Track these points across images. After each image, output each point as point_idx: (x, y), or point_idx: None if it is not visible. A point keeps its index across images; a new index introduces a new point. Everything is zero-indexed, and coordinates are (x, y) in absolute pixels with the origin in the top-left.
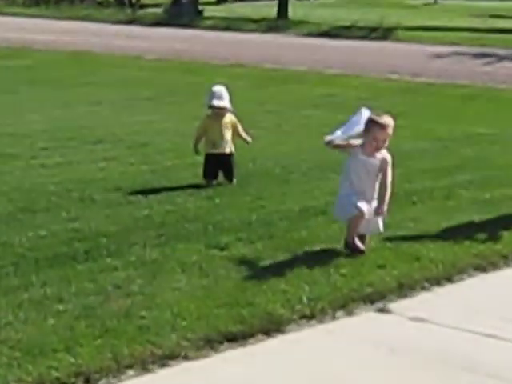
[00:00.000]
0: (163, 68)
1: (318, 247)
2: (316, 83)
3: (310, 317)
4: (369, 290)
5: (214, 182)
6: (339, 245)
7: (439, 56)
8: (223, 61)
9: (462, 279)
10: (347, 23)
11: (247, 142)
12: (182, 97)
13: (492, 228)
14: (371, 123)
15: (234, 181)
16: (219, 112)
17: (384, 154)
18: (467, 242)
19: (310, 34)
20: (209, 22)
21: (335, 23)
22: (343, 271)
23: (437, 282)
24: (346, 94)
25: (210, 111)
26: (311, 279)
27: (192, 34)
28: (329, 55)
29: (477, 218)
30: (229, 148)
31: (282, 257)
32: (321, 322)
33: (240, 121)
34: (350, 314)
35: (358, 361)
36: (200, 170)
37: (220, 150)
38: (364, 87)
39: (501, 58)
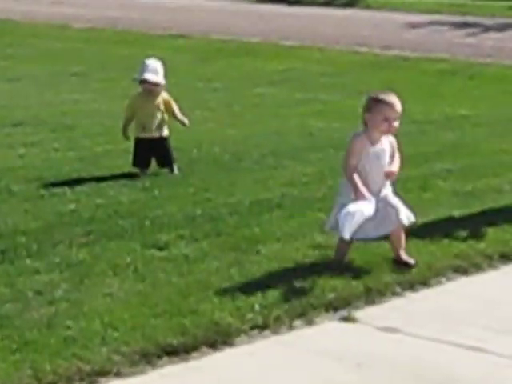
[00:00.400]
0: (93, 39)
1: (272, 246)
2: (271, 57)
3: (262, 327)
4: (331, 295)
5: (147, 171)
6: (297, 242)
7: (414, 26)
8: (164, 31)
9: (439, 283)
10: None
11: (184, 124)
12: (115, 72)
13: (474, 224)
14: (377, 102)
15: (176, 169)
16: (152, 89)
17: (390, 137)
18: (446, 241)
19: (264, 0)
20: None
21: None
22: (302, 274)
23: (410, 286)
24: (305, 70)
25: (140, 88)
26: (265, 283)
27: None
28: (286, 24)
29: (457, 212)
30: (161, 131)
31: (230, 257)
32: (275, 332)
33: (176, 100)
34: (309, 323)
35: (319, 377)
36: None
37: (151, 134)
38: (327, 61)
39: (486, 29)
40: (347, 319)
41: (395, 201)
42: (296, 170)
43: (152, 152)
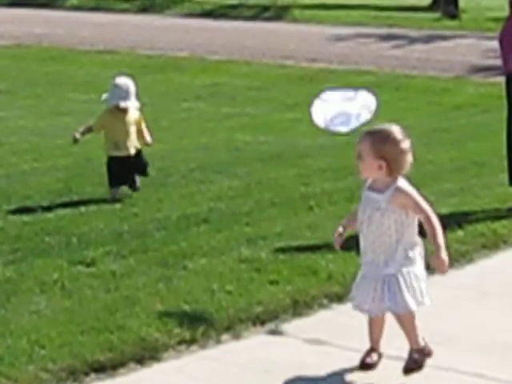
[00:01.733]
0: (19, 56)
1: (199, 260)
2: (198, 71)
3: (190, 341)
4: (259, 309)
5: (118, 192)
6: (224, 256)
7: (341, 38)
8: (90, 47)
9: None
10: (234, 1)
11: (147, 144)
12: (42, 89)
13: None
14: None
15: (138, 182)
16: (121, 112)
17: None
18: None
19: (191, 15)
20: (74, 1)
21: (221, 2)
22: (229, 288)
23: (337, 298)
24: (233, 84)
25: (111, 107)
26: (192, 298)
27: (54, 15)
28: (213, 39)
29: None
30: (134, 148)
31: (157, 273)
32: (203, 347)
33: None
34: (237, 337)
35: None
36: (62, 174)
37: (126, 152)
38: (254, 75)
39: (412, 40)
40: (274, 332)
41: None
42: (223, 185)
43: (128, 169)
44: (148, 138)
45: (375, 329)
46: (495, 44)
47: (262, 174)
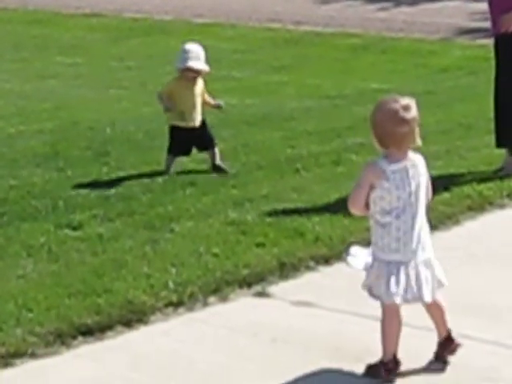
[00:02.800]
0: (5, 19)
1: (186, 223)
2: (184, 34)
3: (177, 304)
4: (245, 271)
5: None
6: (211, 219)
7: (327, 1)
8: (76, 10)
9: None
10: None
11: (220, 107)
12: (28, 53)
13: None
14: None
15: (217, 152)
16: (194, 76)
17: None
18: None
19: None
20: None
21: None
22: (215, 250)
23: (324, 260)
24: (218, 47)
25: (179, 74)
26: (178, 261)
27: None
28: (199, 1)
29: None
30: (199, 120)
31: (144, 236)
32: (190, 309)
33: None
34: (224, 299)
35: (235, 352)
36: (48, 137)
37: (190, 124)
38: (240, 38)
39: (398, 3)
40: (261, 295)
41: None
42: None
43: (191, 140)
44: (220, 102)
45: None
46: (482, 6)
47: (249, 137)
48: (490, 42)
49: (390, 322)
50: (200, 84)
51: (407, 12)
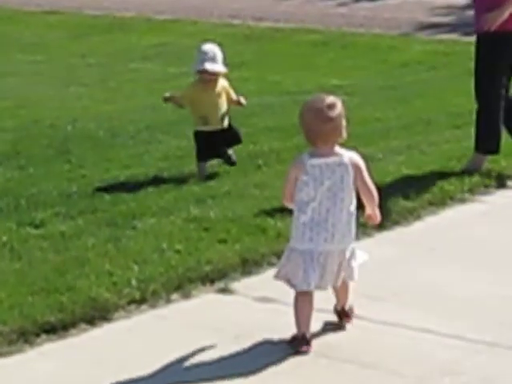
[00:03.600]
0: None
1: (148, 220)
2: (145, 31)
3: (140, 301)
4: (208, 268)
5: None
6: (173, 216)
7: None
8: (36, 7)
9: None
10: None
11: (241, 104)
12: None
13: None
14: None
15: (234, 157)
16: (211, 78)
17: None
18: None
19: None
20: None
21: None
22: (178, 247)
23: None
24: (179, 43)
25: (197, 77)
26: (141, 258)
27: None
28: None
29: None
30: (226, 121)
31: (106, 233)
32: (153, 306)
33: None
34: (186, 296)
35: (198, 350)
36: (9, 136)
37: (216, 126)
38: (201, 35)
39: None
40: (224, 291)
41: None
42: (171, 144)
43: (216, 144)
44: (241, 99)
45: None
46: (442, 1)
47: None
48: (449, 36)
49: (303, 307)
50: (221, 84)
51: (367, 7)
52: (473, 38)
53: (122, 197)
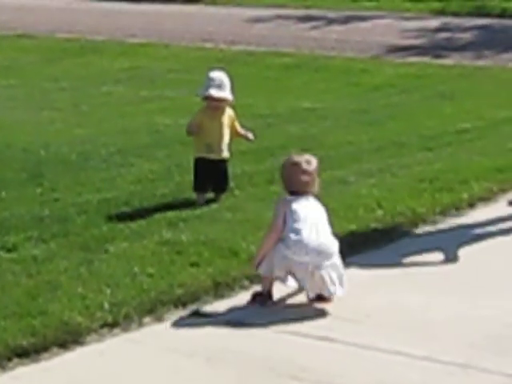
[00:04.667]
0: None
1: (120, 244)
2: (117, 54)
3: (112, 325)
4: (180, 291)
5: (205, 197)
6: (145, 240)
7: (260, 20)
8: (8, 31)
9: None
10: None
11: (249, 139)
12: None
13: None
14: None
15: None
16: (218, 106)
17: None
18: None
19: None
20: None
21: None
22: (150, 271)
23: (258, 279)
24: (152, 67)
25: (204, 104)
26: (113, 281)
27: None
28: (131, 21)
29: None
30: (227, 152)
31: (79, 257)
32: (125, 330)
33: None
34: (159, 319)
35: (170, 373)
36: None
37: (218, 155)
38: (173, 58)
39: (330, 21)
40: (196, 314)
41: None
42: (143, 168)
43: (213, 175)
44: (246, 133)
45: None
46: (413, 24)
47: (183, 157)
48: (421, 59)
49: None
50: (228, 114)
51: (339, 31)
52: (444, 61)
53: (95, 220)
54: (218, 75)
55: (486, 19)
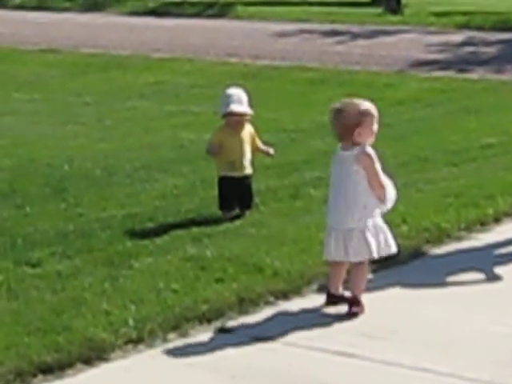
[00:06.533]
0: None
1: (145, 259)
2: (142, 69)
3: (137, 341)
4: (205, 307)
5: (232, 214)
6: (169, 255)
7: (284, 35)
8: (33, 46)
9: (312, 291)
10: None
11: (270, 155)
12: None
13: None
14: (367, 115)
15: (248, 212)
16: (238, 121)
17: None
18: (317, 248)
19: (133, 13)
20: (17, 1)
21: None
22: (175, 286)
23: (283, 295)
24: (176, 81)
25: (224, 121)
26: (138, 297)
27: None
28: (156, 36)
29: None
30: (250, 168)
31: (103, 272)
32: (150, 346)
33: (257, 129)
34: (183, 335)
35: None
36: (6, 175)
37: (242, 172)
38: (197, 73)
39: (354, 36)
40: (221, 330)
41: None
42: (168, 183)
43: (238, 192)
44: (267, 149)
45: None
46: (437, 38)
47: (207, 172)
48: (445, 73)
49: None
50: (248, 129)
51: (364, 45)
52: (469, 75)
53: (119, 236)
54: (236, 91)
55: (509, 33)
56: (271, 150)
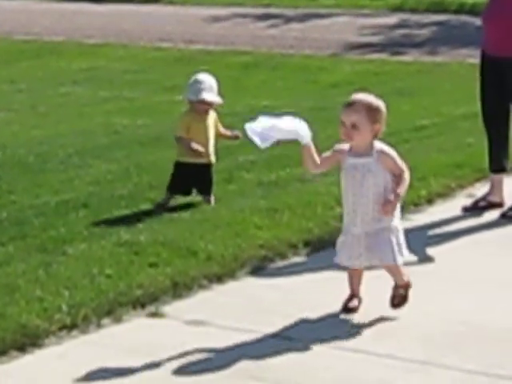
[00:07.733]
0: None
1: (79, 246)
2: (75, 55)
3: (71, 327)
4: (138, 292)
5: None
6: (103, 241)
7: (217, 19)
8: None
9: (245, 274)
10: None
11: (237, 138)
12: None
13: (279, 214)
14: (382, 113)
15: (212, 199)
16: (207, 109)
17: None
18: (251, 231)
19: None
20: None
21: None
22: (109, 272)
23: (217, 278)
24: (110, 67)
25: (189, 107)
26: (71, 283)
27: None
28: (89, 22)
29: (262, 202)
30: (213, 156)
31: (36, 259)
32: (84, 332)
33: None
34: (117, 320)
35: (130, 375)
36: None
37: (204, 160)
38: (131, 58)
39: (288, 20)
40: (155, 315)
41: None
42: (101, 169)
43: (196, 179)
44: (231, 133)
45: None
46: (371, 21)
47: (141, 157)
48: (379, 56)
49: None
50: (213, 116)
51: (297, 28)
52: (402, 58)
53: (53, 222)
54: (207, 78)
55: (443, 15)
56: (237, 132)
